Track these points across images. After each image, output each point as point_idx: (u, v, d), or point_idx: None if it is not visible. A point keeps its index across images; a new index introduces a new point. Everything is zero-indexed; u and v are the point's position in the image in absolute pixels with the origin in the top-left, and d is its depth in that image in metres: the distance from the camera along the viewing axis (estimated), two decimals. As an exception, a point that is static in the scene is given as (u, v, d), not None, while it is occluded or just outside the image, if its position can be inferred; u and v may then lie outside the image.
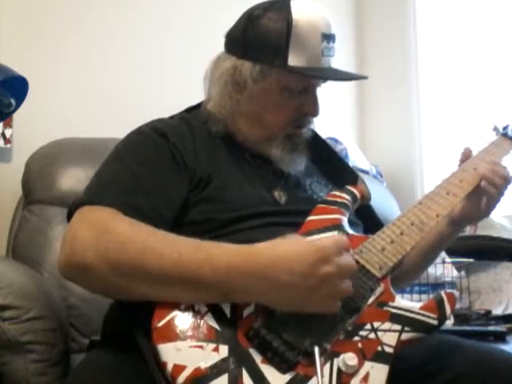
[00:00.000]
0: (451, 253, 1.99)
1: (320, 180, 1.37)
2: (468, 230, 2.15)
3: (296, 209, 1.23)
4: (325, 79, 1.28)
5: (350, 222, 1.23)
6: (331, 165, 1.42)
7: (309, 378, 0.94)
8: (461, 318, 1.87)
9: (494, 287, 2.08)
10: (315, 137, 1.39)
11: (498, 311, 2.00)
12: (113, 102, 2.09)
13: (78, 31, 2.05)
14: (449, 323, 1.86)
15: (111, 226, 1.04)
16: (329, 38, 1.25)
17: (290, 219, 1.20)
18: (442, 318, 1.05)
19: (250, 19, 1.26)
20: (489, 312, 1.97)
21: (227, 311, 0.99)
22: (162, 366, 0.92)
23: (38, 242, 1.68)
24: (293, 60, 1.22)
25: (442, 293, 1.09)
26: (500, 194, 1.30)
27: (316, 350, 0.95)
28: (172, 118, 1.33)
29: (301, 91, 1.27)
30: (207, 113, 1.31)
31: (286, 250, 0.99)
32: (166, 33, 2.24)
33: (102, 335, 1.22)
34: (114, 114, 2.07)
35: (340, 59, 1.34)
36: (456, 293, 1.13)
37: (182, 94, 2.15)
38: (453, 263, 2.04)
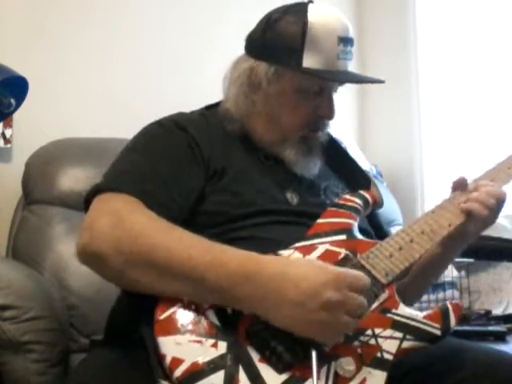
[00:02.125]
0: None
1: (337, 184, 1.36)
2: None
3: (307, 211, 1.23)
4: (337, 81, 1.29)
5: (361, 229, 1.22)
6: (346, 169, 1.41)
7: (305, 379, 0.94)
8: (461, 318, 1.87)
9: (494, 287, 2.08)
10: (332, 141, 1.39)
11: (498, 311, 2.00)
12: (113, 102, 2.09)
13: (78, 31, 2.05)
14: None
15: (127, 217, 1.05)
16: (346, 41, 1.26)
17: (300, 220, 1.20)
18: (446, 329, 1.03)
19: (268, 22, 1.28)
20: (489, 312, 1.98)
21: (229, 308, 0.99)
22: (161, 358, 0.93)
23: (37, 242, 1.68)
24: (307, 62, 1.23)
25: (448, 303, 1.07)
26: (491, 214, 1.22)
27: (313, 353, 0.95)
28: (192, 113, 1.35)
29: (316, 93, 1.27)
30: (224, 112, 1.32)
31: (296, 266, 0.98)
32: (167, 33, 2.23)
33: (105, 330, 1.22)
34: (114, 114, 2.07)
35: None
36: (460, 303, 1.11)
37: (183, 94, 2.16)
38: (453, 263, 2.04)
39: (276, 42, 1.26)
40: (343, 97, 1.25)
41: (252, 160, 1.28)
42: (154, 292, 1.01)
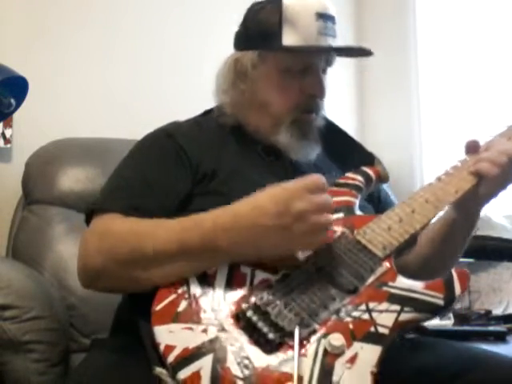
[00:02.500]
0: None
1: (338, 176, 1.32)
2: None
3: None
4: (314, 51, 1.28)
5: (361, 207, 1.21)
6: (347, 151, 1.39)
7: (292, 359, 0.93)
8: (461, 317, 1.88)
9: (494, 287, 2.08)
10: (329, 126, 1.38)
11: (498, 311, 2.00)
12: (113, 102, 2.08)
13: (78, 31, 2.05)
14: (449, 323, 1.87)
15: (110, 226, 1.11)
16: (325, 17, 1.26)
17: None
18: (450, 298, 1.00)
19: (249, 14, 1.34)
20: (489, 312, 1.98)
21: (220, 293, 1.02)
22: (156, 346, 0.95)
23: (37, 242, 1.68)
24: (287, 40, 1.25)
25: (453, 270, 1.03)
26: (504, 173, 1.13)
27: (296, 330, 0.94)
28: (187, 120, 1.36)
29: (303, 72, 1.28)
30: (217, 109, 1.34)
31: (261, 195, 1.03)
32: (167, 33, 2.23)
33: (112, 327, 1.23)
34: (114, 114, 2.07)
35: (340, 59, 1.34)
36: (466, 270, 1.03)
37: (183, 94, 2.16)
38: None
39: (256, 29, 1.30)
40: (343, 95, 1.25)
41: (250, 158, 1.28)
42: (156, 284, 1.03)
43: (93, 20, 2.09)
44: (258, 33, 1.29)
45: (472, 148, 1.18)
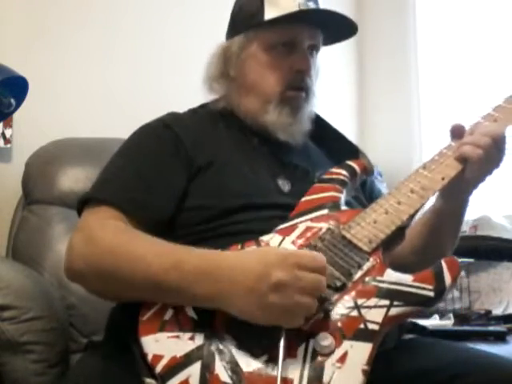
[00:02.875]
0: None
1: None
2: (468, 230, 2.15)
3: (298, 201, 1.20)
4: (296, 20, 1.27)
5: (347, 203, 1.19)
6: (333, 145, 1.39)
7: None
8: (461, 318, 1.88)
9: (494, 287, 2.08)
10: (318, 121, 1.37)
11: (498, 311, 2.00)
12: (113, 102, 2.09)
13: (78, 31, 2.05)
14: (449, 323, 1.88)
15: (95, 235, 1.09)
16: None
17: (288, 212, 1.17)
18: (440, 289, 0.98)
19: (234, 5, 1.37)
20: (489, 312, 1.98)
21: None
22: (144, 356, 0.95)
23: (37, 242, 1.68)
24: (269, 15, 1.27)
25: (442, 260, 1.01)
26: (488, 155, 1.10)
27: (283, 332, 0.93)
28: (185, 112, 1.36)
29: (289, 49, 1.28)
30: (212, 101, 1.35)
31: (248, 253, 1.00)
32: (166, 33, 2.23)
33: (106, 331, 1.22)
34: (114, 114, 2.07)
35: (340, 59, 1.34)
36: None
37: (182, 93, 2.15)
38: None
39: (240, 14, 1.34)
40: (343, 96, 1.25)
41: (243, 146, 1.27)
42: (130, 301, 1.04)
43: (93, 20, 2.09)
44: (242, 17, 1.32)
45: (457, 132, 1.16)
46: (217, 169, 1.21)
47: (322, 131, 1.39)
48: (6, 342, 1.30)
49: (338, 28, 1.34)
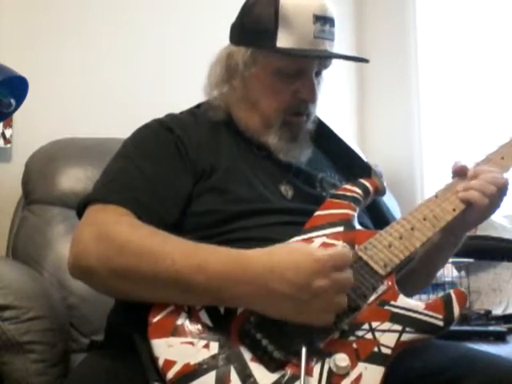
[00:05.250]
0: (451, 253, 1.99)
1: (333, 175, 1.33)
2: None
3: (301, 207, 1.21)
4: (307, 57, 1.23)
5: (361, 224, 1.19)
6: (343, 158, 1.37)
7: (297, 378, 0.92)
8: (461, 318, 1.87)
9: (494, 287, 2.08)
10: (323, 128, 1.36)
11: (498, 311, 2.00)
12: (113, 102, 2.09)
13: (78, 31, 2.05)
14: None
15: (111, 230, 1.05)
16: (323, 20, 1.21)
17: (293, 218, 1.17)
18: (449, 319, 1.00)
19: (245, 7, 1.29)
20: (489, 312, 1.97)
21: (221, 308, 0.99)
22: (154, 360, 0.93)
23: (37, 241, 1.68)
24: (281, 41, 1.21)
25: (452, 291, 1.03)
26: (492, 202, 1.17)
27: (303, 350, 0.93)
28: (182, 112, 1.34)
29: (296, 75, 1.24)
30: (209, 102, 1.32)
31: (281, 258, 0.97)
32: (166, 33, 2.23)
33: (105, 332, 1.22)
34: (114, 114, 2.07)
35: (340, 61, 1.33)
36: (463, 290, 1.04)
37: (182, 93, 2.15)
38: (453, 263, 2.04)
39: (252, 25, 1.26)
40: (343, 96, 1.24)
41: (243, 153, 1.26)
42: (143, 299, 1.00)
43: (93, 20, 2.09)
44: (252, 29, 1.25)
45: (460, 173, 1.21)
46: (220, 173, 1.19)
47: (325, 135, 1.37)
48: (7, 342, 1.30)
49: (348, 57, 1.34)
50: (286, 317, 0.96)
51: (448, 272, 2.04)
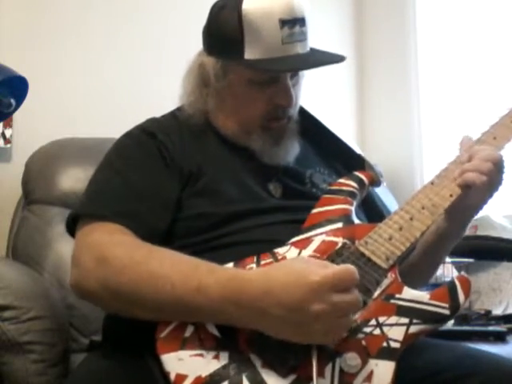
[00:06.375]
0: (451, 253, 1.98)
1: (323, 170, 1.30)
2: (468, 230, 2.15)
3: (292, 205, 1.19)
4: (276, 71, 1.19)
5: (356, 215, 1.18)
6: (334, 151, 1.34)
7: (309, 380, 0.92)
8: (461, 318, 1.87)
9: (494, 287, 2.07)
10: (311, 121, 1.33)
11: (498, 311, 2.00)
12: (112, 102, 2.09)
13: (78, 31, 2.05)
14: (449, 323, 1.87)
15: (108, 253, 1.03)
16: (291, 22, 1.16)
17: (286, 216, 1.16)
18: (455, 307, 0.99)
19: (211, 14, 1.25)
20: (489, 312, 1.97)
21: None
22: (166, 375, 0.92)
23: (37, 242, 1.68)
24: (249, 52, 1.17)
25: (455, 278, 1.02)
26: (491, 180, 1.13)
27: (314, 352, 0.92)
28: (164, 116, 1.32)
29: (269, 81, 1.20)
30: (185, 107, 1.29)
31: (276, 280, 0.93)
32: (166, 33, 2.23)
33: (103, 333, 1.22)
34: (114, 114, 2.07)
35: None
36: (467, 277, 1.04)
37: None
38: (453, 263, 2.04)
39: (218, 34, 1.22)
40: (343, 97, 1.24)
41: (229, 155, 1.24)
42: (147, 319, 0.99)
43: (93, 20, 2.09)
44: (220, 39, 1.21)
45: (465, 143, 1.20)
46: (209, 175, 1.18)
47: (313, 128, 1.35)
48: (7, 342, 1.30)
49: (325, 54, 1.27)
50: (287, 338, 0.93)
51: (448, 272, 2.04)
